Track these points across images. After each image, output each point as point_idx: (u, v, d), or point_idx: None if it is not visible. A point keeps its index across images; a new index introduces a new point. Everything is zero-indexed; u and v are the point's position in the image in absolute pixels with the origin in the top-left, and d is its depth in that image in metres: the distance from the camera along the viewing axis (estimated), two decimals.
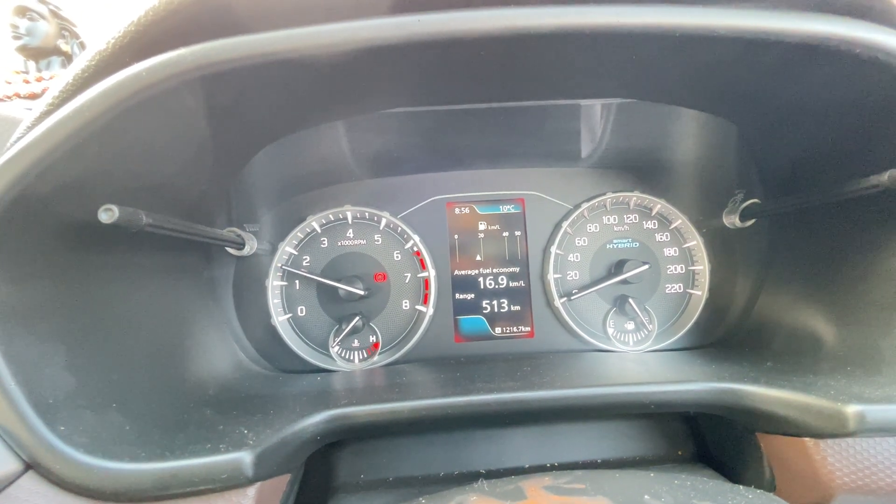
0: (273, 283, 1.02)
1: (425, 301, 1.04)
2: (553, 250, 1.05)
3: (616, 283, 1.03)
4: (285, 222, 1.04)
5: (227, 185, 0.89)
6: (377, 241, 1.06)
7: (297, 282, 1.05)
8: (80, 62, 0.56)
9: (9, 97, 1.16)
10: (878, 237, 0.73)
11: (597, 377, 0.80)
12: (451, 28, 0.52)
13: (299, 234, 1.04)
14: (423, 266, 1.05)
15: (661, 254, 1.07)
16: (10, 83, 1.22)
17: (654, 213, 1.07)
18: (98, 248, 0.64)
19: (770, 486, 0.66)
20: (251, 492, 0.54)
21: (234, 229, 0.94)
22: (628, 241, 1.07)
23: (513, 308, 1.07)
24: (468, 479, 0.75)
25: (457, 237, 1.08)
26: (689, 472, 0.74)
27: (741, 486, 0.51)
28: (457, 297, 1.07)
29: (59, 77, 0.58)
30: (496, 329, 1.06)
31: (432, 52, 0.57)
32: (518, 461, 0.79)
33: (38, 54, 1.35)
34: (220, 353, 0.90)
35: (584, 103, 0.89)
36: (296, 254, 1.05)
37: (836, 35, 0.53)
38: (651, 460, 0.81)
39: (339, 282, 1.00)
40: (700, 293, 1.04)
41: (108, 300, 0.66)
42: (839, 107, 0.66)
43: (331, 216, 1.05)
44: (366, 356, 1.04)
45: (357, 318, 1.00)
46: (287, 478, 0.63)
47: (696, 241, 1.05)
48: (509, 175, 1.09)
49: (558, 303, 1.03)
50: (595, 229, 1.08)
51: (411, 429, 0.78)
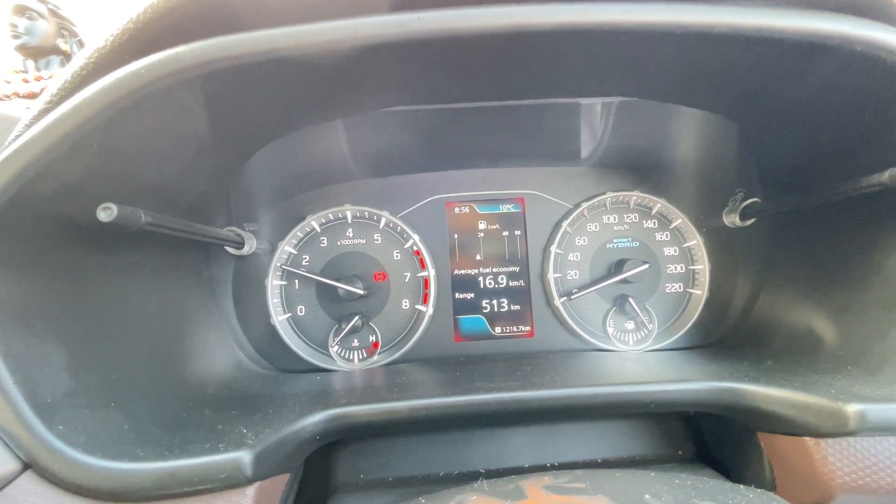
0: (272, 283, 1.02)
1: (425, 300, 1.04)
2: (553, 250, 1.04)
3: (616, 282, 1.03)
4: (285, 222, 1.04)
5: (226, 184, 0.89)
6: (377, 240, 1.06)
7: (296, 281, 1.04)
8: (78, 60, 0.55)
9: (8, 96, 1.16)
10: (879, 236, 0.73)
11: (597, 377, 0.80)
12: (452, 25, 0.52)
13: (299, 234, 1.04)
14: (422, 265, 1.05)
15: (661, 253, 1.07)
16: (9, 82, 1.22)
17: (654, 213, 1.07)
18: (97, 248, 0.64)
19: (770, 486, 0.66)
20: (250, 491, 0.54)
21: (234, 228, 0.94)
22: (628, 241, 1.07)
23: (513, 307, 1.07)
24: (468, 478, 0.75)
25: (456, 236, 1.08)
26: (690, 471, 0.74)
27: (741, 486, 0.51)
28: (456, 296, 1.06)
29: (57, 76, 0.58)
30: (496, 328, 1.06)
31: (432, 50, 0.57)
32: (518, 461, 0.79)
33: (37, 53, 1.35)
34: (220, 352, 0.90)
35: (584, 102, 0.89)
36: (295, 253, 1.05)
37: (836, 33, 0.53)
38: (651, 460, 0.81)
39: (338, 281, 1.00)
40: (700, 293, 1.04)
41: (106, 299, 0.66)
42: (839, 105, 0.66)
43: (330, 215, 1.05)
44: (365, 356, 1.03)
45: (357, 318, 1.00)
46: (286, 477, 0.63)
47: (696, 241, 1.05)
48: (509, 174, 1.09)
49: (558, 302, 1.03)
50: (595, 229, 1.07)
51: (411, 428, 0.78)
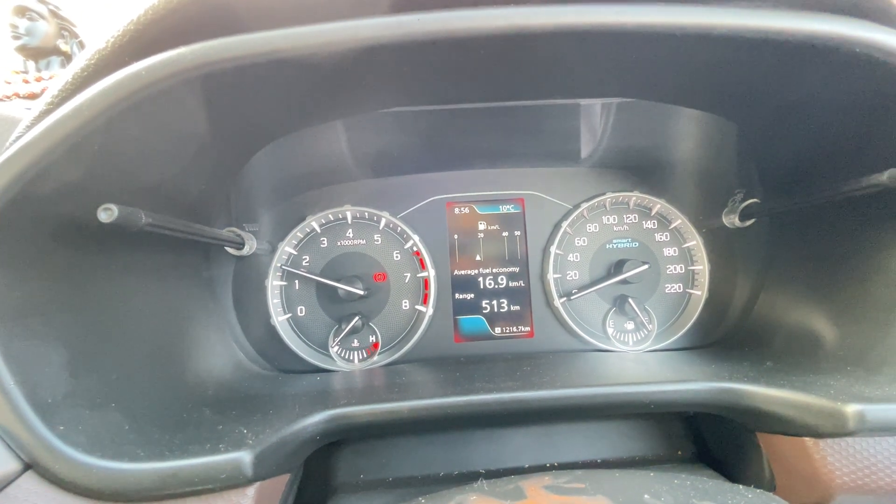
0: (273, 283, 1.02)
1: (425, 301, 1.04)
2: (553, 250, 1.05)
3: (616, 282, 1.03)
4: (285, 222, 1.04)
5: (226, 185, 0.89)
6: (377, 240, 1.06)
7: (296, 282, 1.04)
8: (79, 61, 0.56)
9: (8, 97, 1.16)
10: (878, 236, 0.73)
11: (596, 377, 0.80)
12: (452, 27, 0.52)
13: (299, 234, 1.04)
14: (422, 266, 1.05)
15: (660, 254, 1.07)
16: (9, 83, 1.22)
17: (653, 213, 1.07)
18: (97, 248, 0.64)
19: (770, 486, 0.66)
20: (250, 492, 0.54)
21: (234, 229, 0.94)
22: (628, 241, 1.07)
23: (512, 308, 1.07)
24: (468, 478, 0.75)
25: (456, 237, 1.08)
26: (689, 471, 0.74)
27: (741, 486, 0.51)
28: (456, 296, 1.06)
29: (58, 77, 0.58)
30: (496, 329, 1.06)
31: (432, 52, 0.57)
32: (518, 461, 0.79)
33: (38, 54, 1.36)
34: (220, 352, 0.90)
35: (583, 103, 0.89)
36: (295, 254, 1.05)
37: (836, 34, 0.53)
38: (651, 460, 0.81)
39: (338, 282, 1.00)
40: (700, 293, 1.04)
41: (107, 300, 0.66)
42: (839, 106, 0.66)
43: (330, 216, 1.05)
44: (365, 356, 1.03)
45: (357, 318, 1.00)
46: (286, 478, 0.63)
47: (695, 241, 1.05)
48: (509, 175, 1.09)
49: (558, 303, 1.03)
50: (595, 229, 1.08)
51: (411, 429, 0.78)
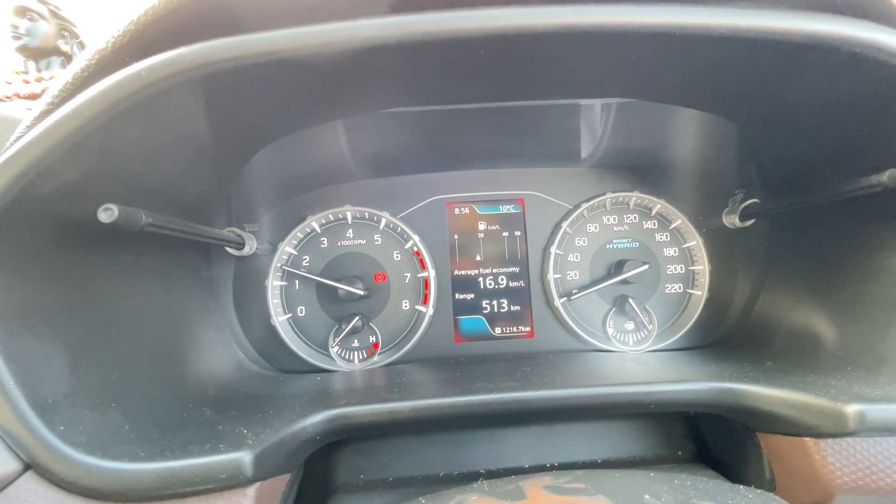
0: (273, 283, 1.02)
1: (425, 301, 1.04)
2: (553, 250, 1.05)
3: (616, 283, 1.03)
4: (285, 222, 1.04)
5: (226, 185, 0.89)
6: (377, 241, 1.06)
7: (296, 282, 1.05)
8: (79, 61, 0.56)
9: (8, 97, 1.16)
10: (878, 237, 0.73)
11: (597, 377, 0.80)
12: (452, 27, 0.52)
13: (299, 234, 1.04)
14: (422, 266, 1.05)
15: (660, 254, 1.07)
16: (9, 83, 1.22)
17: (653, 213, 1.07)
18: (97, 248, 0.64)
19: (770, 486, 0.66)
20: (251, 492, 0.54)
21: (234, 229, 0.94)
22: (628, 241, 1.07)
23: (512, 308, 1.07)
24: (468, 479, 0.75)
25: (456, 237, 1.08)
26: (689, 471, 0.74)
27: (741, 486, 0.51)
28: (456, 297, 1.07)
29: (58, 77, 0.58)
30: (496, 329, 1.06)
31: (432, 52, 0.57)
32: (518, 461, 0.79)
33: (38, 54, 1.36)
34: (220, 353, 0.90)
35: (583, 103, 0.89)
36: (295, 254, 1.05)
37: (836, 34, 0.53)
38: (651, 460, 0.81)
39: (338, 282, 1.00)
40: (700, 293, 1.04)
41: (107, 300, 0.66)
42: (839, 106, 0.66)
43: (330, 216, 1.05)
44: (365, 356, 1.03)
45: (357, 319, 1.00)
46: (286, 478, 0.63)
47: (695, 241, 1.05)
48: (509, 175, 1.09)
49: (558, 303, 1.03)
50: (595, 229, 1.08)
51: (411, 429, 0.78)
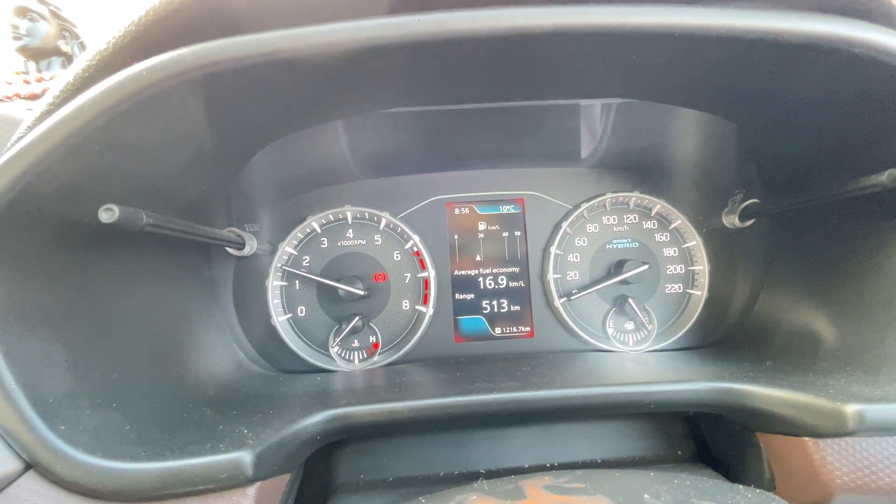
0: (273, 284, 1.02)
1: (425, 301, 1.04)
2: (553, 250, 1.05)
3: (616, 283, 1.03)
4: (285, 222, 1.04)
5: (227, 185, 0.89)
6: (377, 241, 1.06)
7: (296, 282, 1.05)
8: (80, 62, 0.56)
9: (9, 97, 1.17)
10: (878, 237, 0.73)
11: (596, 377, 0.80)
12: (452, 28, 0.52)
13: (299, 235, 1.04)
14: (422, 266, 1.05)
15: (660, 254, 1.07)
16: (10, 84, 1.22)
17: (653, 214, 1.08)
18: (98, 248, 0.64)
19: (770, 486, 0.66)
20: (251, 491, 0.54)
21: (234, 229, 0.94)
22: (628, 242, 1.07)
23: (512, 308, 1.07)
24: (468, 479, 0.75)
25: (457, 237, 1.08)
26: (689, 471, 0.74)
27: (741, 486, 0.51)
28: (457, 297, 1.07)
29: (59, 77, 0.58)
30: (496, 329, 1.06)
31: (432, 52, 0.57)
32: (518, 461, 0.79)
33: (39, 55, 1.36)
34: (220, 353, 0.90)
35: (583, 103, 0.89)
36: (296, 254, 1.05)
37: (835, 35, 0.53)
38: (651, 460, 0.81)
39: (338, 282, 1.00)
40: (700, 293, 1.04)
41: (108, 300, 0.66)
42: (838, 106, 0.66)
43: (331, 216, 1.05)
44: (366, 356, 1.04)
45: (357, 319, 1.00)
46: (287, 478, 0.63)
47: (695, 241, 1.05)
48: (509, 175, 1.09)
49: (558, 303, 1.03)
50: (595, 229, 1.08)
51: (411, 429, 0.78)
